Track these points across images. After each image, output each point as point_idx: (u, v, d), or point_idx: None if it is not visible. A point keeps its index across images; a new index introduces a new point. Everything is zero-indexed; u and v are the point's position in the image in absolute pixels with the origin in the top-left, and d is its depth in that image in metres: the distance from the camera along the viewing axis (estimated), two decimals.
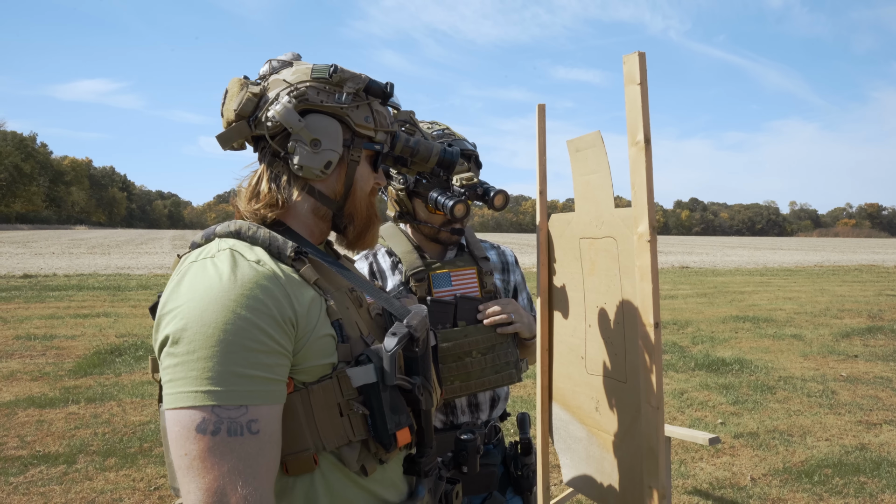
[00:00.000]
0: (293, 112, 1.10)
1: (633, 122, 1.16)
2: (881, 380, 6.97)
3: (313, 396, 1.02)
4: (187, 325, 0.92)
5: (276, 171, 1.15)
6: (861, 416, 5.71)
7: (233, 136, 1.15)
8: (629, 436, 1.35)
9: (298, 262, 1.07)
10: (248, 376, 0.92)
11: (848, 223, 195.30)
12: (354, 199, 1.21)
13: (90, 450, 4.63)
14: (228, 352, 0.91)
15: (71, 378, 6.63)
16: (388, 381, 1.05)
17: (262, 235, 1.07)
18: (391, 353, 1.05)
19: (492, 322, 1.81)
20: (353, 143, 1.17)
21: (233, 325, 0.92)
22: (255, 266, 1.00)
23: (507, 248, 2.11)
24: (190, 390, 0.90)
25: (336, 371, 1.04)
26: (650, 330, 1.18)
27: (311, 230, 1.20)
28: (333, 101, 1.13)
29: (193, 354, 0.91)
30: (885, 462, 4.57)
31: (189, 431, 0.89)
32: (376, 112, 1.20)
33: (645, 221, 1.15)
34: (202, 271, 0.98)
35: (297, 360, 1.00)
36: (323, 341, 1.03)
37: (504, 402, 1.99)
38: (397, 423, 1.08)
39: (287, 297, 1.00)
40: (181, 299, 0.95)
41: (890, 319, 11.17)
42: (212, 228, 1.12)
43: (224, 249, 1.03)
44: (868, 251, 47.79)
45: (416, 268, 1.83)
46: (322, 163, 1.12)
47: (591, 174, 1.38)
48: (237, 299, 0.94)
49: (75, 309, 11.24)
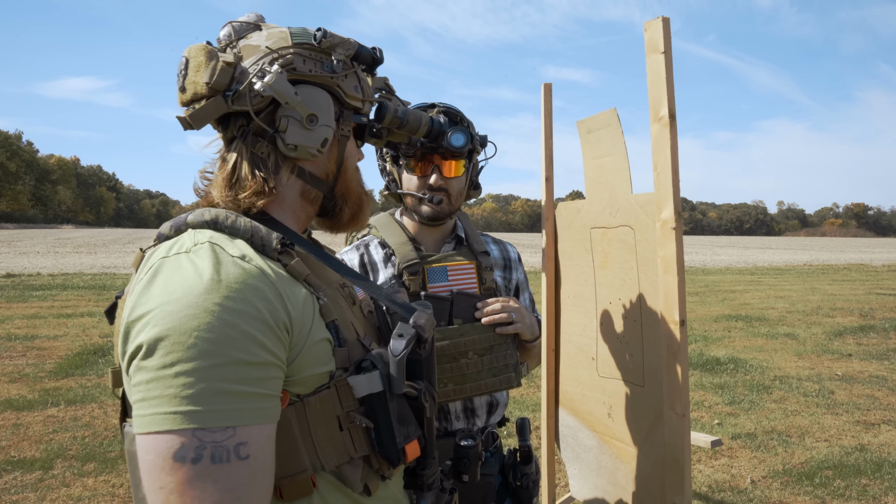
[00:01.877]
0: (286, 83, 0.95)
1: (656, 96, 1.03)
2: (876, 379, 6.91)
3: (310, 410, 0.89)
4: (163, 334, 0.77)
5: (259, 153, 1.00)
6: (859, 415, 5.63)
7: (208, 114, 0.98)
8: (647, 445, 1.22)
9: (286, 256, 0.93)
10: (236, 393, 0.78)
11: (835, 223, 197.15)
12: (346, 177, 1.09)
13: (68, 454, 4.46)
14: (213, 365, 0.77)
15: (51, 379, 6.44)
16: (397, 389, 0.93)
17: (242, 226, 0.93)
18: (399, 357, 0.93)
19: (490, 321, 1.68)
20: (343, 115, 1.04)
21: (218, 333, 0.78)
22: (240, 262, 0.86)
23: (510, 244, 1.98)
24: (167, 411, 0.75)
25: (334, 380, 0.91)
26: (675, 328, 1.05)
27: (297, 215, 1.07)
28: (323, 70, 0.99)
29: (171, 368, 0.76)
30: (886, 463, 4.48)
31: (165, 460, 0.75)
32: (363, 81, 1.07)
33: (670, 206, 1.03)
34: (178, 269, 0.83)
35: (292, 371, 0.87)
36: (319, 347, 0.91)
37: (503, 408, 1.85)
38: (406, 435, 0.96)
39: (279, 297, 0.86)
40: (154, 302, 0.80)
41: (881, 318, 11.15)
42: (182, 217, 0.96)
43: (202, 242, 0.88)
44: (855, 250, 48.17)
45: (411, 260, 1.70)
46: (318, 140, 0.99)
47: (605, 157, 1.26)
48: (222, 302, 0.80)
49: (59, 309, 11.00)
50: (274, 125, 0.98)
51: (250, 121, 0.99)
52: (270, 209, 1.03)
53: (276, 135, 0.99)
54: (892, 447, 4.83)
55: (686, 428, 1.06)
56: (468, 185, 1.80)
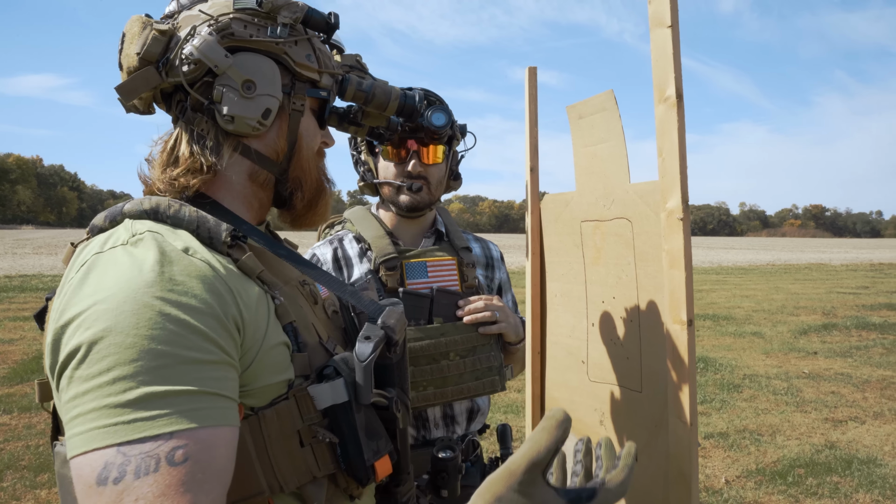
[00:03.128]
0: (216, 46, 0.84)
1: (662, 75, 0.94)
2: (842, 376, 7.02)
3: (266, 425, 0.77)
4: (98, 336, 0.66)
5: (198, 129, 0.89)
6: (827, 413, 5.69)
7: (138, 86, 0.88)
8: (645, 455, 1.13)
9: (236, 250, 0.82)
10: (187, 393, 0.66)
11: (794, 223, 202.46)
12: (300, 158, 0.96)
13: (20, 465, 4.22)
14: (159, 366, 0.65)
15: (5, 385, 6.13)
16: (364, 399, 0.82)
17: (187, 215, 0.81)
18: (366, 362, 0.82)
19: (473, 320, 1.57)
20: (293, 87, 0.92)
21: (163, 330, 0.66)
22: (184, 255, 0.75)
23: (492, 242, 1.87)
24: (104, 425, 0.63)
25: (293, 389, 0.80)
26: (682, 328, 0.96)
27: (249, 202, 0.95)
28: (266, 36, 0.88)
29: (108, 374, 0.64)
30: (855, 460, 4.52)
31: (89, 487, 0.62)
32: (319, 50, 0.95)
33: (677, 195, 0.93)
34: (113, 263, 0.72)
35: (245, 380, 0.76)
36: (275, 352, 0.80)
37: (484, 415, 1.75)
38: (375, 450, 0.85)
39: (230, 292, 0.75)
40: (86, 301, 0.68)
41: (843, 316, 11.38)
42: (118, 207, 0.85)
43: (141, 233, 0.77)
44: (815, 250, 49.46)
45: (388, 255, 1.58)
46: (259, 110, 0.87)
47: (599, 144, 1.16)
48: (166, 296, 0.68)
49: (15, 311, 10.57)
50: (210, 97, 0.87)
51: (189, 96, 0.88)
52: (217, 195, 0.91)
53: (213, 107, 0.87)
54: (860, 444, 4.87)
55: (694, 438, 0.97)
56: (448, 174, 1.69)
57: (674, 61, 0.92)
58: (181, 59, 0.85)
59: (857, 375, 7.01)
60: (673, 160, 0.93)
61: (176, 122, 0.92)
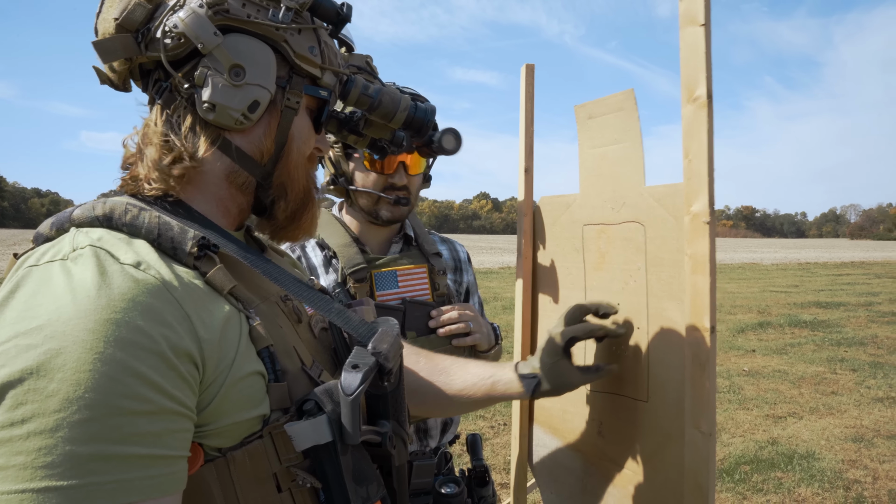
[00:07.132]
0: (206, 21, 0.74)
1: (692, 74, 0.89)
2: (779, 373, 7.29)
3: (236, 468, 0.67)
4: (14, 377, 0.55)
5: (176, 114, 0.78)
6: (767, 409, 5.89)
7: (115, 49, 0.76)
8: (651, 467, 1.09)
9: (204, 262, 0.71)
10: (118, 457, 0.56)
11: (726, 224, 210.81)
12: (288, 162, 0.85)
13: None
14: (85, 419, 0.55)
15: None
16: (350, 439, 0.70)
17: (146, 222, 0.70)
18: (353, 397, 0.70)
19: (448, 332, 1.49)
20: (290, 81, 0.82)
21: (92, 374, 0.56)
22: (131, 272, 0.63)
23: (458, 242, 1.79)
24: (13, 490, 0.53)
25: (269, 426, 0.69)
26: (705, 335, 0.92)
27: (226, 207, 0.84)
28: (266, 18, 0.78)
29: (23, 427, 0.54)
30: (795, 455, 4.68)
31: None
32: (324, 44, 0.84)
33: (703, 198, 0.89)
34: (45, 284, 0.61)
35: (208, 417, 0.65)
36: (247, 383, 0.68)
37: (456, 426, 1.68)
38: (365, 497, 0.74)
39: (185, 319, 0.64)
40: (7, 331, 0.57)
41: (777, 314, 11.87)
42: (67, 212, 0.72)
43: (83, 247, 0.65)
44: (746, 251, 51.57)
45: (357, 265, 1.46)
46: (245, 101, 0.77)
47: (612, 145, 1.11)
48: (100, 329, 0.57)
49: None
50: (192, 79, 0.76)
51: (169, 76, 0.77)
52: (186, 194, 0.80)
53: (194, 91, 0.76)
54: (800, 439, 5.06)
55: (712, 449, 0.93)
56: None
57: (706, 61, 0.87)
58: (164, 31, 0.74)
59: (793, 372, 7.31)
60: (701, 162, 0.89)
61: (152, 103, 0.81)
